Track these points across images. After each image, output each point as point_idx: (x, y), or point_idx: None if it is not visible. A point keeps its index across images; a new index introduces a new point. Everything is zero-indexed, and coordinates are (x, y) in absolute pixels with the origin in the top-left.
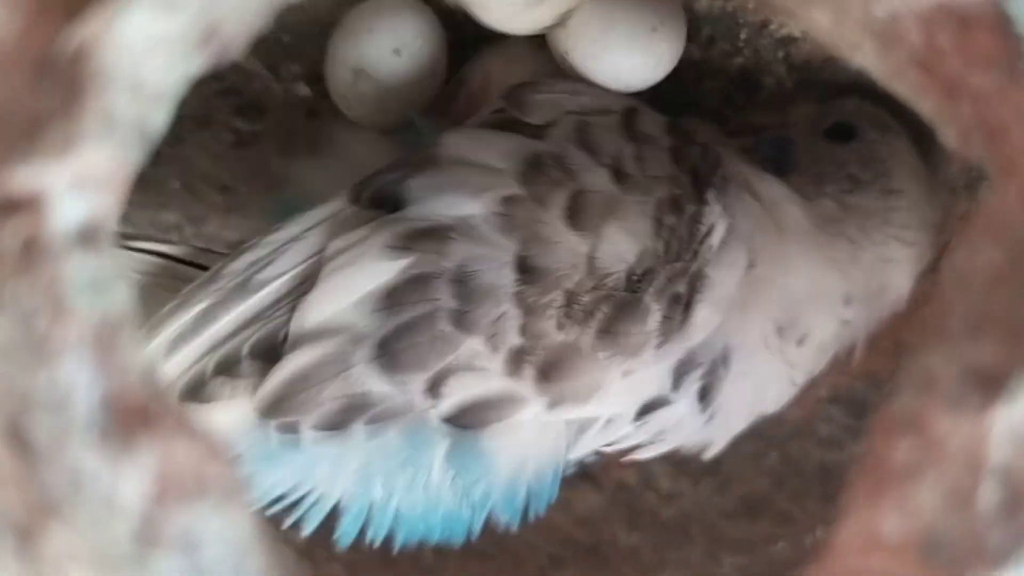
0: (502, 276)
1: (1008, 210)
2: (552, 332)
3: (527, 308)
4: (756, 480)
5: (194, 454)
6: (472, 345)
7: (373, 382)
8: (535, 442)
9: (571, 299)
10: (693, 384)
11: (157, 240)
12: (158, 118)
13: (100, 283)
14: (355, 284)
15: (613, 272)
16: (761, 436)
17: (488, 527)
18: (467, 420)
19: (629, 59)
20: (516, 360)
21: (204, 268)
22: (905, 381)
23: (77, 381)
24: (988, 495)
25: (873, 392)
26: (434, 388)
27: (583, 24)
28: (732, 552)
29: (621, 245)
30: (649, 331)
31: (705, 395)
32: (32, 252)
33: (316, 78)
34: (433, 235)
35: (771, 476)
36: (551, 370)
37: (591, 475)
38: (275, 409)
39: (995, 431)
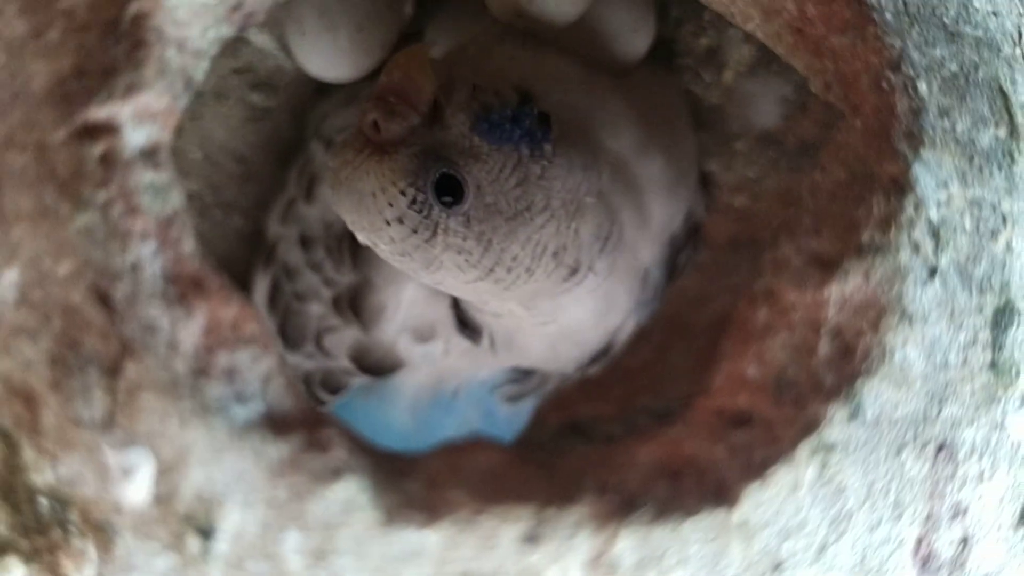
0: (295, 254)
1: (853, 141)
2: (337, 276)
3: (314, 267)
4: None
5: (234, 313)
6: (315, 310)
7: (292, 359)
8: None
9: (328, 249)
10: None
11: None
12: (199, 70)
13: (159, 188)
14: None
15: (334, 220)
16: None
17: None
18: (368, 368)
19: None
20: (337, 306)
21: None
22: (765, 266)
23: (144, 257)
24: (824, 347)
25: None
26: (325, 351)
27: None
28: None
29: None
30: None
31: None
32: (108, 163)
33: None
34: (272, 251)
35: None
36: (356, 299)
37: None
38: None
39: (830, 300)
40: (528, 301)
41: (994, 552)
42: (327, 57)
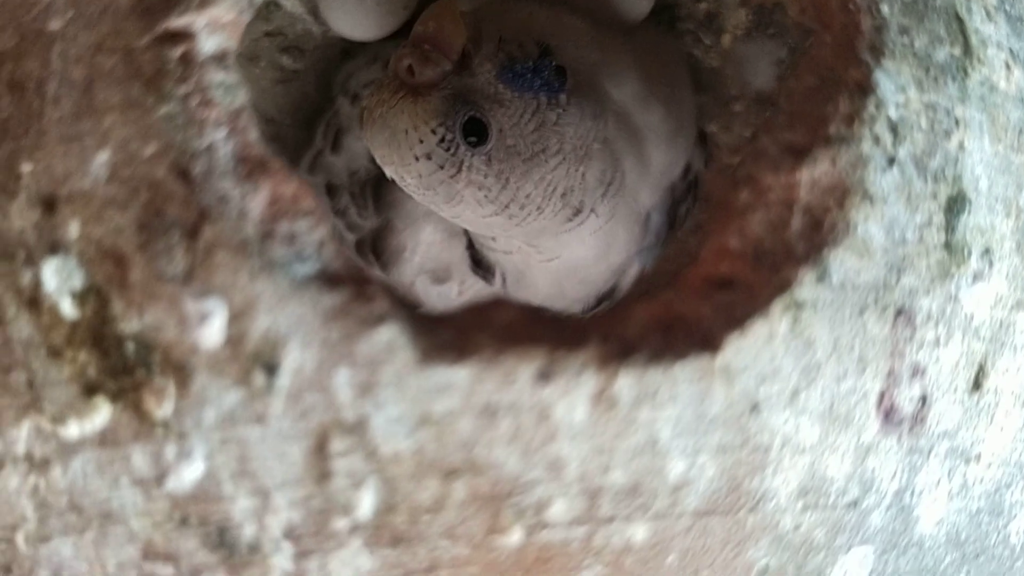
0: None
1: (824, 53)
2: (360, 221)
3: (339, 213)
4: None
5: (293, 189)
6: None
7: None
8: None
9: (352, 195)
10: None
11: None
12: None
13: (229, 86)
14: None
15: (358, 168)
16: None
17: None
18: None
19: (614, 9)
20: (360, 250)
21: None
22: (746, 157)
23: (218, 140)
24: (796, 222)
25: None
26: None
27: None
28: None
29: (356, 150)
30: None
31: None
32: (186, 63)
33: None
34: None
35: None
36: (377, 241)
37: None
38: None
39: (802, 183)
40: (533, 238)
41: (951, 412)
42: (353, 16)
